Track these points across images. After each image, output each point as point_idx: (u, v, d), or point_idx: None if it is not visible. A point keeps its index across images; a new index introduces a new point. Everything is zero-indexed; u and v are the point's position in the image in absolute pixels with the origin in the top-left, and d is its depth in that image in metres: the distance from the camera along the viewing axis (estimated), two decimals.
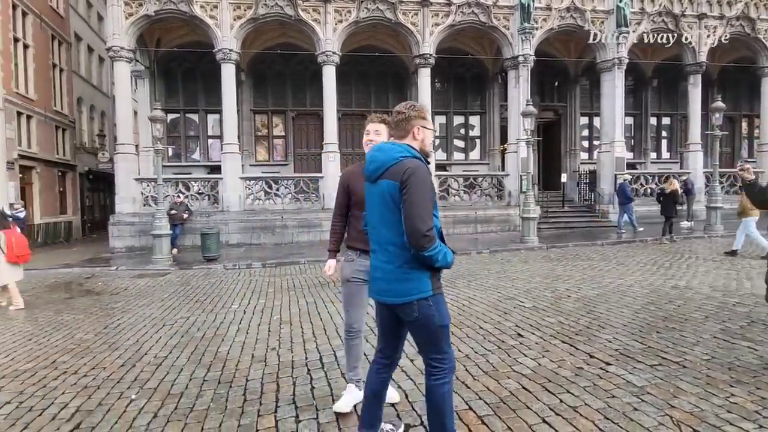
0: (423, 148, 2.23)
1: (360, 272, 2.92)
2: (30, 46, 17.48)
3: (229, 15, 14.05)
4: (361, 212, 2.93)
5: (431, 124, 2.29)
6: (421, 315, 2.10)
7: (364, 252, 2.91)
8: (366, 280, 2.94)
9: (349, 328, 3.04)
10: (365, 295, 3.00)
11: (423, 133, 2.23)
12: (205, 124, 17.28)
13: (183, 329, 5.36)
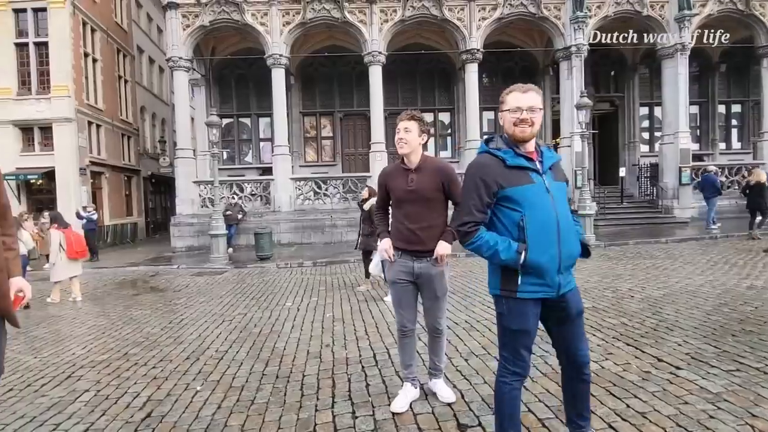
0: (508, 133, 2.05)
1: (403, 273, 2.90)
2: (98, 60, 18.78)
3: (279, 21, 14.46)
4: (400, 210, 2.92)
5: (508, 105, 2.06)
6: (497, 310, 2.10)
7: (406, 252, 2.88)
8: (411, 281, 2.92)
9: (402, 327, 3.04)
10: (414, 295, 2.98)
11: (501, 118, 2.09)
12: (257, 127, 17.89)
13: (241, 325, 5.56)
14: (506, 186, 1.94)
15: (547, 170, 2.02)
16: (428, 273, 2.85)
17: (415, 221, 2.83)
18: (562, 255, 1.95)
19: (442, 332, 3.01)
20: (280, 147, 14.61)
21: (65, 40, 16.43)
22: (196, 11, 14.37)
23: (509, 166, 1.96)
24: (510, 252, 1.91)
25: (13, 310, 2.23)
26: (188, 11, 14.41)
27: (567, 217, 1.99)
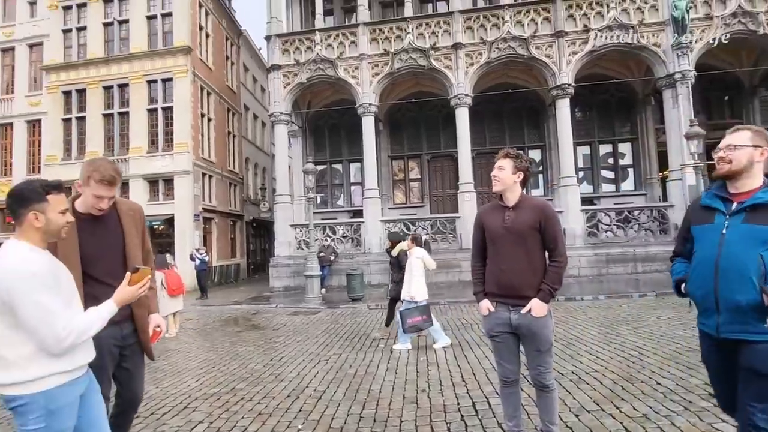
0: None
1: (499, 325, 2.76)
2: (212, 119, 21.23)
3: (368, 73, 15.35)
4: (494, 250, 2.80)
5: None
6: None
7: (501, 302, 2.75)
8: (509, 332, 2.76)
9: (504, 378, 2.86)
10: (514, 346, 2.81)
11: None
12: (348, 172, 18.78)
13: (337, 365, 5.63)
14: (692, 223, 2.16)
15: (740, 211, 1.96)
16: (527, 325, 2.68)
17: (509, 262, 2.71)
18: (719, 295, 1.94)
19: (549, 388, 2.76)
20: (370, 190, 15.14)
21: (186, 104, 18.89)
22: (295, 70, 15.78)
23: (701, 205, 2.12)
24: (673, 276, 2.25)
25: (151, 343, 2.50)
26: (288, 71, 15.88)
27: (735, 260, 1.89)
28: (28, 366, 1.72)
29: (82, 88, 19.63)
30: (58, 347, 1.71)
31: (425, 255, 6.61)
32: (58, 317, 1.69)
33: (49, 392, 1.74)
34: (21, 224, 1.79)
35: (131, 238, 2.45)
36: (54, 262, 1.85)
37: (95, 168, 2.27)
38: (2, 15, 21.21)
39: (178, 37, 19.04)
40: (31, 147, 20.50)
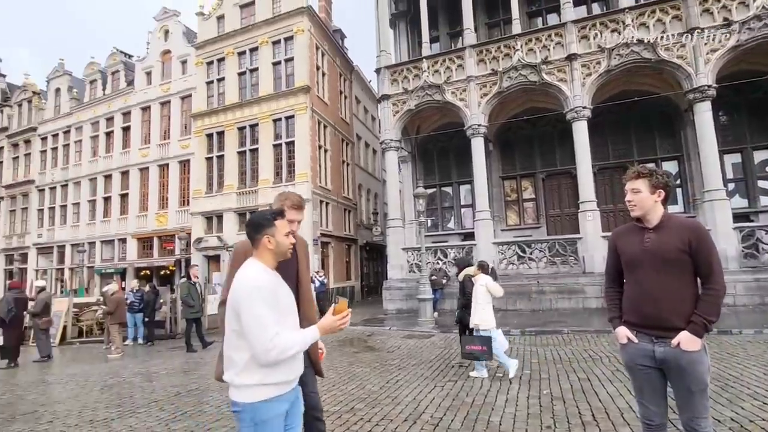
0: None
1: (641, 357, 2.42)
2: (328, 150, 22.73)
3: (476, 94, 15.23)
4: (632, 276, 2.48)
5: None
6: None
7: (642, 332, 2.42)
8: (654, 367, 2.40)
9: (646, 420, 2.49)
10: (660, 384, 2.44)
11: None
12: (458, 194, 18.62)
13: (453, 392, 5.46)
14: None
15: None
16: (676, 360, 2.31)
17: (652, 289, 2.38)
18: None
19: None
20: (481, 212, 14.79)
21: (306, 137, 20.53)
22: (404, 98, 16.28)
23: None
24: None
25: (320, 362, 2.82)
26: (397, 99, 16.44)
27: None
28: (244, 372, 1.97)
29: (221, 130, 22.49)
30: (264, 357, 1.90)
31: (489, 282, 6.45)
32: (268, 330, 1.90)
33: (256, 405, 1.97)
34: (257, 247, 2.13)
35: (303, 267, 2.78)
36: (278, 281, 2.11)
37: (286, 196, 2.76)
38: (161, 74, 25.37)
39: (299, 79, 20.92)
40: (182, 183, 23.89)
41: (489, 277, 6.59)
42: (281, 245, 2.12)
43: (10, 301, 9.83)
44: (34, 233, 28.51)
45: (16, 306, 9.85)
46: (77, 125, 27.82)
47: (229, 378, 2.02)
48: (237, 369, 1.98)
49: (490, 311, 6.38)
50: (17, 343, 9.96)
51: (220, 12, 23.43)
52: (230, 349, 2.01)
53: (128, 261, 24.56)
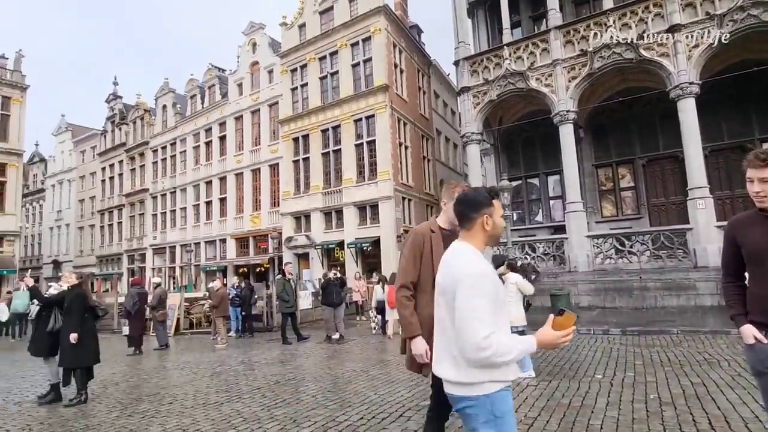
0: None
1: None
2: (408, 147, 22.82)
3: (564, 78, 14.36)
4: (759, 270, 2.18)
5: None
6: None
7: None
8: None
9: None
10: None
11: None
12: (545, 186, 17.72)
13: (547, 392, 5.21)
14: None
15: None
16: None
17: None
18: None
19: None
20: (572, 204, 13.93)
21: (386, 135, 20.79)
22: (485, 89, 15.82)
23: None
24: None
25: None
26: (478, 90, 16.03)
27: None
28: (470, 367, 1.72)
29: (306, 133, 23.56)
30: (473, 355, 1.66)
31: (519, 280, 6.43)
32: (484, 325, 1.64)
33: (494, 396, 1.72)
34: (471, 228, 1.90)
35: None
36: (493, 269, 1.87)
37: (456, 183, 2.83)
38: (251, 85, 27.15)
39: (378, 78, 21.23)
40: (272, 186, 25.41)
41: (519, 275, 6.58)
42: (498, 227, 1.91)
43: (134, 296, 11.15)
44: (150, 236, 32.05)
45: (139, 300, 11.14)
46: (181, 137, 30.76)
47: (449, 374, 1.78)
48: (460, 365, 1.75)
49: (521, 309, 6.39)
50: (141, 333, 11.27)
51: (302, 20, 24.51)
52: (448, 341, 1.79)
53: (228, 259, 26.69)
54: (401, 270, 2.79)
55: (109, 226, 35.84)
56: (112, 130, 36.42)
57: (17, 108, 27.25)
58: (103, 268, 35.41)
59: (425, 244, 2.79)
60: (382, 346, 9.69)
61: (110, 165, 36.34)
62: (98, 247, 36.66)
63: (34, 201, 43.90)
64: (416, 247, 2.78)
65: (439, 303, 1.85)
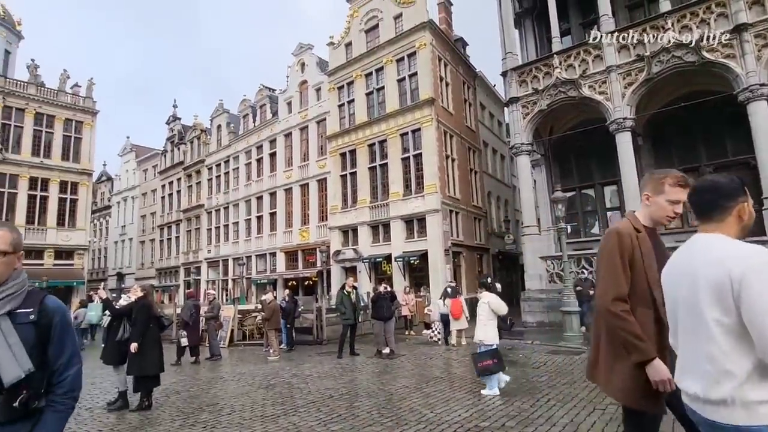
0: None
1: None
2: (455, 159, 22.62)
3: (619, 85, 13.81)
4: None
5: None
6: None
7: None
8: None
9: None
10: None
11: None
12: (601, 197, 16.96)
13: (617, 417, 4.87)
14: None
15: None
16: None
17: None
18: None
19: None
20: None
21: (432, 148, 20.72)
22: (534, 99, 15.47)
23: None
24: None
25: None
26: (527, 101, 15.70)
27: None
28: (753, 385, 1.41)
29: (353, 148, 23.91)
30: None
31: (492, 300, 6.67)
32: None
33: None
34: (724, 219, 1.69)
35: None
36: None
37: (665, 173, 2.30)
38: (299, 103, 27.97)
39: (423, 92, 21.29)
40: (320, 200, 25.87)
41: (493, 295, 6.79)
42: (752, 218, 1.71)
43: (191, 307, 11.59)
44: (205, 249, 33.41)
45: (195, 311, 11.58)
46: (234, 155, 32.06)
47: (722, 393, 1.44)
48: (737, 381, 1.41)
49: (493, 327, 6.66)
50: (197, 343, 11.68)
51: (348, 39, 25.09)
52: (716, 354, 1.47)
53: (278, 272, 27.32)
54: (608, 280, 2.27)
55: (168, 240, 37.72)
56: (172, 149, 38.54)
57: (88, 131, 29.46)
58: (162, 280, 37.22)
59: (634, 247, 2.32)
60: (433, 362, 9.51)
61: (169, 182, 38.39)
62: (158, 260, 38.61)
63: (101, 217, 47.01)
64: (625, 251, 2.31)
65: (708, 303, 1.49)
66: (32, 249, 25.99)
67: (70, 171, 27.97)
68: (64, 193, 27.65)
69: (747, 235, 1.76)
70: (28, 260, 25.77)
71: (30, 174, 26.41)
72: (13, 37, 30.72)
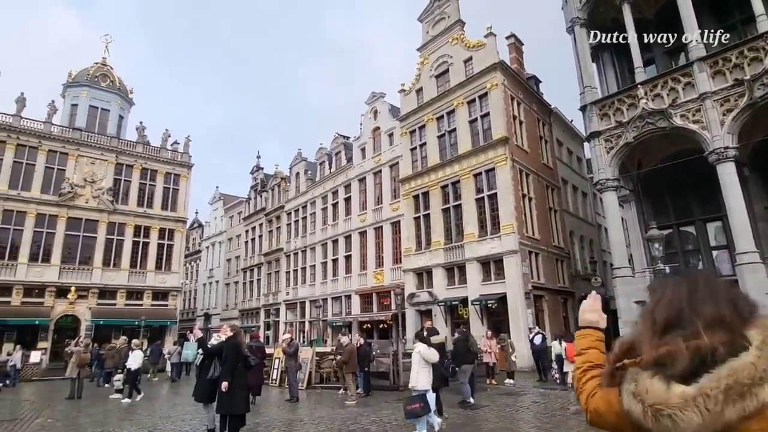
0: None
1: None
2: (532, 198, 21.84)
3: (716, 112, 12.74)
4: None
5: None
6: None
7: None
8: None
9: None
10: None
11: None
12: (704, 234, 15.31)
13: None
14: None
15: None
16: None
17: None
18: None
19: None
20: (744, 254, 11.75)
21: (508, 188, 20.21)
22: (618, 132, 14.68)
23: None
24: None
25: None
26: (610, 134, 14.93)
27: None
28: None
29: (425, 190, 24.01)
30: None
31: (423, 350, 7.27)
32: None
33: None
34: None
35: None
36: None
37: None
38: (373, 149, 28.89)
39: (496, 131, 21.10)
40: (394, 243, 26.00)
41: (423, 345, 7.40)
42: None
43: (254, 350, 11.81)
44: (283, 291, 34.60)
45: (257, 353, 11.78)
46: (311, 200, 33.52)
47: None
48: None
49: (425, 374, 7.20)
50: (259, 383, 11.78)
51: (419, 86, 25.84)
52: None
53: (353, 315, 27.44)
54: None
55: (250, 282, 39.65)
56: (255, 197, 41.23)
57: (184, 183, 32.50)
58: (244, 321, 38.88)
59: None
60: (519, 416, 8.79)
61: (252, 228, 40.82)
62: (240, 301, 40.58)
63: (193, 261, 50.77)
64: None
65: None
66: (134, 290, 28.52)
67: (167, 219, 30.78)
68: (162, 239, 30.34)
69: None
70: (131, 300, 28.27)
71: (135, 222, 29.42)
72: (126, 104, 35.31)
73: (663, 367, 1.08)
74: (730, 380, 0.99)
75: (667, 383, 1.05)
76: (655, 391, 1.05)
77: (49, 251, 26.34)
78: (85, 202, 27.90)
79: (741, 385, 0.98)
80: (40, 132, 27.40)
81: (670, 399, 1.02)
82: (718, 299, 1.16)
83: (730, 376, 1.00)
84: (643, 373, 1.09)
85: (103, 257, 27.74)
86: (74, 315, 26.35)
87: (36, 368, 22.65)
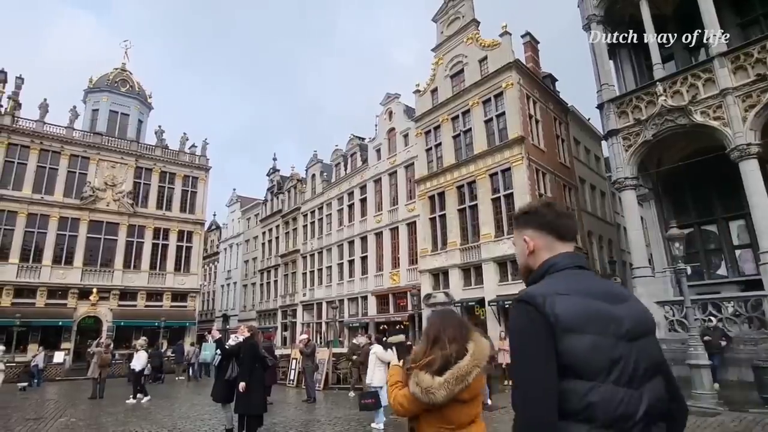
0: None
1: None
2: (549, 197, 21.58)
3: (738, 108, 12.44)
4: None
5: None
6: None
7: None
8: None
9: None
10: None
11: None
12: (726, 233, 14.96)
13: None
14: None
15: None
16: None
17: None
18: None
19: None
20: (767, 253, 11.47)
21: (524, 187, 20.03)
22: (637, 130, 14.44)
23: None
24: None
25: None
26: (629, 132, 14.69)
27: None
28: None
29: (441, 191, 23.94)
30: None
31: (378, 351, 8.36)
32: None
33: None
34: None
35: None
36: None
37: None
38: (388, 150, 28.92)
39: (512, 131, 20.93)
40: (410, 243, 25.97)
41: (379, 347, 8.49)
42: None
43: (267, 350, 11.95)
44: (300, 293, 34.86)
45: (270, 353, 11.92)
46: (327, 202, 33.71)
47: None
48: None
49: (380, 372, 7.96)
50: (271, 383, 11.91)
51: (434, 86, 25.78)
52: None
53: (369, 316, 27.50)
54: None
55: (267, 284, 40.03)
56: (271, 199, 41.64)
57: (202, 185, 33.02)
58: (262, 322, 39.28)
59: None
60: None
61: (269, 229, 41.22)
62: (258, 303, 41.00)
63: (211, 263, 51.50)
64: None
65: None
66: (154, 292, 29.08)
67: (186, 221, 31.32)
68: (181, 242, 30.88)
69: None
70: (151, 302, 28.83)
71: (154, 225, 30.00)
72: (145, 109, 36.04)
73: (429, 367, 2.10)
74: (458, 373, 2.06)
75: (432, 376, 2.07)
76: (425, 380, 2.07)
77: (71, 254, 27.04)
78: (106, 205, 28.57)
79: (462, 375, 2.04)
80: (63, 137, 28.16)
81: (432, 384, 2.05)
82: (455, 325, 2.21)
83: (458, 370, 2.06)
84: (420, 372, 2.12)
85: (123, 259, 28.37)
86: (96, 316, 27.00)
87: (59, 368, 23.29)
